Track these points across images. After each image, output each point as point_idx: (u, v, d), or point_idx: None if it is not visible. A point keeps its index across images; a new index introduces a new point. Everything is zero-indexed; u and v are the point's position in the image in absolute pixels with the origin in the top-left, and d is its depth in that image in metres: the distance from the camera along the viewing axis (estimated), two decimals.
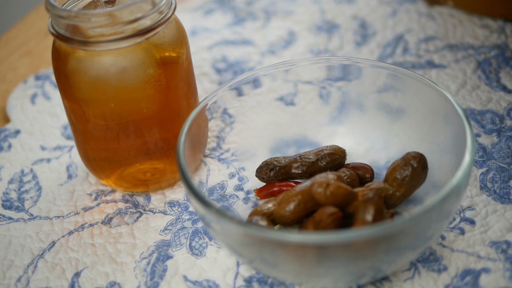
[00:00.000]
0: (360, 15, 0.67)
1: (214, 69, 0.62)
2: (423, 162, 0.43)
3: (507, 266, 0.42)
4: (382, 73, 0.47)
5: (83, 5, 0.46)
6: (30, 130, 0.56)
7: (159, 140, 0.47)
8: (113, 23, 0.42)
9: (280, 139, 0.50)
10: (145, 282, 0.43)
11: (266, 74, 0.48)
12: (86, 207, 0.49)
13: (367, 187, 0.44)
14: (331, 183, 0.41)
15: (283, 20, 0.68)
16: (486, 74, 0.57)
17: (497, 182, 0.47)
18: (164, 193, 0.49)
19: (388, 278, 0.42)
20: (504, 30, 0.62)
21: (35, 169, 0.52)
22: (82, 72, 0.44)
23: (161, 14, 0.44)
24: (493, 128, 0.52)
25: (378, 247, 0.37)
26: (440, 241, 0.44)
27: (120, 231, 0.47)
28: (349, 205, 0.41)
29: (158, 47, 0.44)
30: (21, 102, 0.59)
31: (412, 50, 0.61)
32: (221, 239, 0.40)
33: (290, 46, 0.64)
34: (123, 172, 0.48)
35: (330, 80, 0.49)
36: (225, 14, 0.69)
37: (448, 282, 0.41)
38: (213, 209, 0.38)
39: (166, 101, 0.46)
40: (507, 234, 0.44)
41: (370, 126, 0.48)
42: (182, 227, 0.47)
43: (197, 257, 0.45)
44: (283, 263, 0.39)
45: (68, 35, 0.43)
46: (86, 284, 0.44)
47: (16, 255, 0.46)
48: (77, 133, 0.48)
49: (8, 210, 0.49)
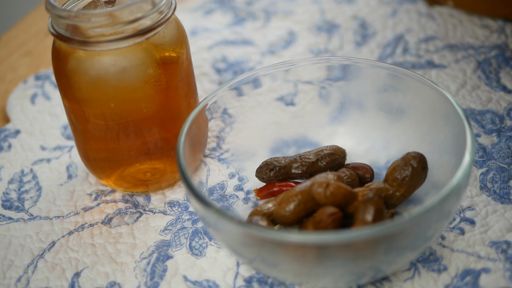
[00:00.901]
0: (360, 15, 0.67)
1: (214, 69, 0.62)
2: (423, 162, 0.43)
3: (507, 266, 0.42)
4: (382, 73, 0.47)
5: (83, 5, 0.46)
6: (30, 130, 0.56)
7: (159, 140, 0.47)
8: (113, 23, 0.42)
9: (280, 139, 0.50)
10: (145, 282, 0.43)
11: (266, 74, 0.48)
12: (86, 207, 0.49)
13: (367, 187, 0.43)
14: (331, 183, 0.41)
15: (283, 20, 0.68)
16: (486, 74, 0.57)
17: (497, 182, 0.47)
18: (164, 193, 0.49)
19: (388, 278, 0.42)
20: (504, 30, 0.62)
21: (35, 169, 0.52)
22: (82, 72, 0.44)
23: (161, 14, 0.44)
24: (493, 128, 0.52)
25: (378, 247, 0.37)
26: (440, 241, 0.44)
27: (120, 231, 0.47)
28: (349, 205, 0.41)
29: (158, 47, 0.44)
30: (21, 102, 0.59)
31: (412, 50, 0.61)
32: (221, 239, 0.40)
33: (290, 46, 0.64)
34: (123, 172, 0.48)
35: (330, 80, 0.49)
36: (225, 14, 0.69)
37: (448, 282, 0.41)
38: (213, 209, 0.38)
39: (166, 101, 0.46)
40: (507, 234, 0.44)
41: (370, 126, 0.48)
42: (182, 227, 0.47)
43: (197, 257, 0.45)
44: (283, 263, 0.39)
45: (68, 35, 0.43)
46: (86, 284, 0.44)
47: (16, 255, 0.46)
48: (77, 133, 0.48)
49: (8, 210, 0.49)
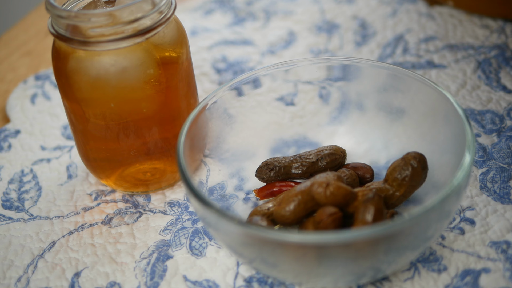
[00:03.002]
0: (360, 15, 0.67)
1: (214, 69, 0.62)
2: (423, 162, 0.43)
3: (507, 266, 0.42)
4: (382, 73, 0.47)
5: (83, 5, 0.46)
6: (30, 130, 0.56)
7: (159, 140, 0.47)
8: (113, 23, 0.42)
9: (280, 139, 0.50)
10: (145, 282, 0.43)
11: (266, 74, 0.48)
12: (86, 207, 0.49)
13: (367, 187, 0.43)
14: (331, 183, 0.41)
15: (283, 20, 0.68)
16: (486, 74, 0.57)
17: (497, 182, 0.47)
18: (164, 193, 0.49)
19: (388, 278, 0.42)
20: (504, 30, 0.62)
21: (35, 169, 0.52)
22: (82, 72, 0.44)
23: (161, 14, 0.44)
24: (493, 128, 0.52)
25: (378, 247, 0.37)
26: (440, 241, 0.44)
27: (120, 231, 0.47)
28: (349, 205, 0.41)
29: (158, 47, 0.44)
30: (21, 102, 0.59)
31: (412, 50, 0.61)
32: (221, 239, 0.40)
33: (290, 46, 0.64)
34: (123, 172, 0.48)
35: (330, 80, 0.49)
36: (225, 14, 0.69)
37: (448, 282, 0.41)
38: (213, 209, 0.38)
39: (166, 101, 0.46)
40: (507, 234, 0.44)
41: (370, 126, 0.48)
42: (182, 227, 0.47)
43: (197, 257, 0.45)
44: (283, 263, 0.39)
45: (68, 35, 0.43)
46: (86, 284, 0.44)
47: (16, 255, 0.46)
48: (77, 133, 0.48)
49: (8, 210, 0.49)
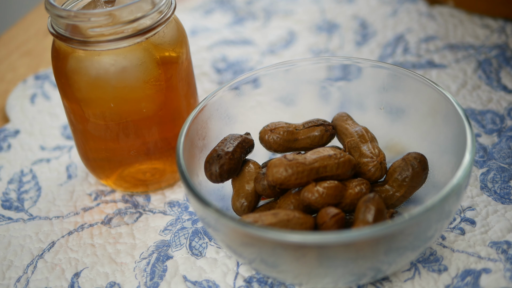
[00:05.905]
0: (360, 15, 0.67)
1: (214, 69, 0.62)
2: (424, 163, 0.43)
3: (507, 266, 0.42)
4: (382, 73, 0.47)
5: (83, 5, 0.46)
6: (29, 130, 0.56)
7: (159, 140, 0.47)
8: (113, 23, 0.42)
9: None
10: (145, 283, 0.43)
11: (266, 74, 0.47)
12: (85, 207, 0.49)
13: (358, 181, 0.43)
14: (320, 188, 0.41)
15: (283, 20, 0.68)
16: (486, 74, 0.57)
17: (498, 182, 0.47)
18: (164, 193, 0.49)
19: (388, 278, 0.42)
20: (505, 30, 0.62)
21: (35, 169, 0.52)
22: (82, 72, 0.44)
23: (161, 14, 0.44)
24: (493, 128, 0.51)
25: (379, 247, 0.37)
26: (440, 241, 0.44)
27: (120, 231, 0.47)
28: (344, 198, 0.41)
29: (158, 47, 0.44)
30: (20, 102, 0.59)
31: (413, 50, 0.61)
32: (221, 240, 0.40)
33: (290, 46, 0.64)
34: (123, 172, 0.48)
35: (330, 80, 0.49)
36: (225, 13, 0.69)
37: (449, 283, 0.41)
38: (213, 209, 0.38)
39: (166, 101, 0.46)
40: (508, 235, 0.43)
41: (370, 126, 0.48)
42: (182, 227, 0.47)
43: (197, 257, 0.44)
44: (283, 264, 0.39)
45: (67, 35, 0.43)
46: (86, 285, 0.44)
47: (15, 255, 0.46)
48: (77, 133, 0.47)
49: (7, 210, 0.49)
